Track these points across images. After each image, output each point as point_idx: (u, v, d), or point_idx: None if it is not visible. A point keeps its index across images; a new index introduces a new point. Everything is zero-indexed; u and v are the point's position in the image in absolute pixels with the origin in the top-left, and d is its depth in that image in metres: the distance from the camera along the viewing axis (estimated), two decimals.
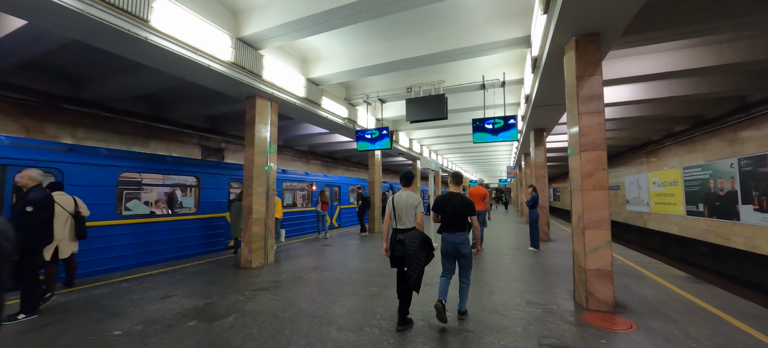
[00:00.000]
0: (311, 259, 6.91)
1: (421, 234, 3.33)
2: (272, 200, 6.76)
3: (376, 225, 11.68)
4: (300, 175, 11.60)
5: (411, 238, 3.27)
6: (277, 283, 5.09)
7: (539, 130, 9.78)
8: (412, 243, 3.24)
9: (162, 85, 7.59)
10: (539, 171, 9.68)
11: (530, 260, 6.66)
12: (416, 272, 3.20)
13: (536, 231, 7.89)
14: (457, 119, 11.44)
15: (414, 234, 3.30)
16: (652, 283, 5.02)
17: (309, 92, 7.45)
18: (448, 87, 8.02)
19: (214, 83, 5.84)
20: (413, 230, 3.36)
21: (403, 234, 3.35)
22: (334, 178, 13.85)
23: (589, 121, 3.97)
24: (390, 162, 24.01)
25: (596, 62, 4.01)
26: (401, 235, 3.35)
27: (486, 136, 7.54)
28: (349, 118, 9.34)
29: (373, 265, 6.32)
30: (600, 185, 3.89)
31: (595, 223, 3.88)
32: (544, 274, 5.57)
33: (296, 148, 16.60)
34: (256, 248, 6.30)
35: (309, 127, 12.36)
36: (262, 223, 6.43)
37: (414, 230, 3.36)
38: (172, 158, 7.30)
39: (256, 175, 6.40)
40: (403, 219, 3.43)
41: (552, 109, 7.60)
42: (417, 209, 3.43)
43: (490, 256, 7.00)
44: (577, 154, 4.05)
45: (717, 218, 10.08)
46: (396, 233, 3.42)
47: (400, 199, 3.48)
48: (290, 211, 10.86)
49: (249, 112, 6.56)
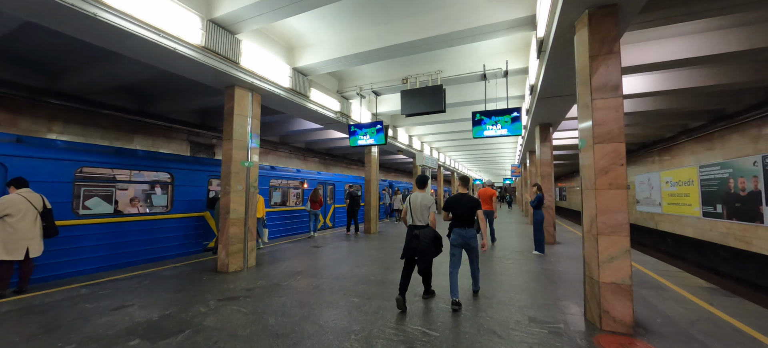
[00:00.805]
0: (296, 263, 6.38)
1: (433, 232, 3.89)
2: (253, 199, 6.24)
3: (372, 225, 11.13)
4: (291, 173, 11.08)
5: (425, 235, 3.82)
6: (250, 292, 4.57)
7: (545, 125, 9.14)
8: (425, 239, 3.79)
9: (143, 76, 7.11)
10: (545, 169, 9.05)
11: (534, 266, 6.06)
12: (424, 263, 3.89)
13: (541, 234, 7.28)
14: (458, 114, 10.85)
15: (427, 231, 3.85)
16: (674, 295, 4.41)
17: (295, 83, 6.91)
18: (446, 78, 7.43)
19: (185, 70, 5.32)
20: (427, 228, 3.90)
21: (418, 230, 3.86)
22: (328, 175, 13.33)
23: (604, 108, 3.37)
24: (390, 160, 23.46)
25: (613, 39, 3.41)
26: (417, 231, 3.87)
27: (487, 131, 6.95)
28: (341, 112, 8.79)
29: (361, 270, 5.78)
30: (617, 183, 3.29)
31: (611, 228, 3.29)
32: (550, 283, 4.98)
33: (292, 145, 16.10)
34: (233, 251, 5.78)
35: (304, 122, 11.84)
36: (241, 223, 5.92)
37: (428, 228, 3.90)
38: (143, 153, 6.80)
39: (235, 172, 5.88)
40: (417, 217, 3.95)
41: (559, 101, 6.97)
42: (430, 209, 3.96)
43: (491, 261, 6.41)
44: (589, 148, 3.45)
45: (737, 220, 9.36)
46: (412, 229, 3.94)
47: (415, 200, 3.99)
48: (280, 210, 10.36)
49: (227, 103, 6.04)
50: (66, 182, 5.36)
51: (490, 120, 6.88)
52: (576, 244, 8.66)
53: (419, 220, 3.93)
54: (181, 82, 8.02)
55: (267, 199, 9.69)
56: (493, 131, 6.86)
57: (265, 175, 9.68)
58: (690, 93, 8.31)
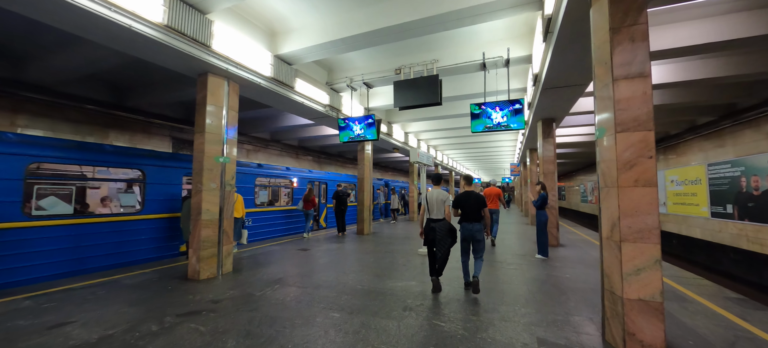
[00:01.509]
0: (278, 268, 5.81)
1: (448, 224, 4.33)
2: (230, 198, 5.66)
3: (365, 226, 10.56)
4: (280, 171, 10.49)
5: (441, 227, 4.28)
6: (217, 304, 3.99)
7: (548, 120, 8.60)
8: (441, 231, 4.26)
9: (110, 64, 6.53)
10: (548, 167, 8.51)
11: (539, 272, 5.52)
12: (441, 252, 4.29)
13: (545, 236, 6.73)
14: (455, 109, 10.30)
15: (443, 224, 4.31)
16: (701, 308, 3.87)
17: (278, 71, 6.33)
18: (442, 67, 6.87)
19: (149, 54, 4.74)
20: (443, 221, 4.34)
21: (435, 223, 4.33)
22: (320, 174, 12.76)
23: (629, 89, 2.82)
24: (387, 159, 22.89)
25: (639, 7, 2.85)
26: (434, 223, 4.33)
27: (487, 125, 6.40)
28: (330, 105, 8.21)
29: (348, 277, 5.21)
30: (646, 179, 2.74)
31: (638, 234, 2.73)
32: (558, 293, 4.43)
33: (284, 143, 15.49)
34: (206, 256, 5.20)
35: (295, 118, 11.25)
36: (214, 225, 5.34)
37: (444, 221, 4.34)
38: (111, 147, 6.21)
39: (208, 168, 5.30)
40: (434, 211, 4.42)
41: (565, 93, 6.43)
42: (446, 203, 4.42)
43: (492, 266, 5.86)
44: (610, 137, 2.90)
45: (750, 221, 8.86)
46: (430, 222, 4.40)
47: (432, 196, 4.47)
48: (269, 210, 9.77)
49: (199, 92, 5.46)
50: (15, 179, 4.76)
51: (490, 112, 6.33)
52: (581, 246, 8.12)
53: (436, 214, 4.41)
54: (160, 73, 7.43)
55: (253, 199, 9.11)
56: (493, 123, 6.31)
57: (250, 173, 9.10)
58: (701, 85, 7.80)
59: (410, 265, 6.03)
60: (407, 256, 6.93)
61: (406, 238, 9.48)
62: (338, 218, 10.50)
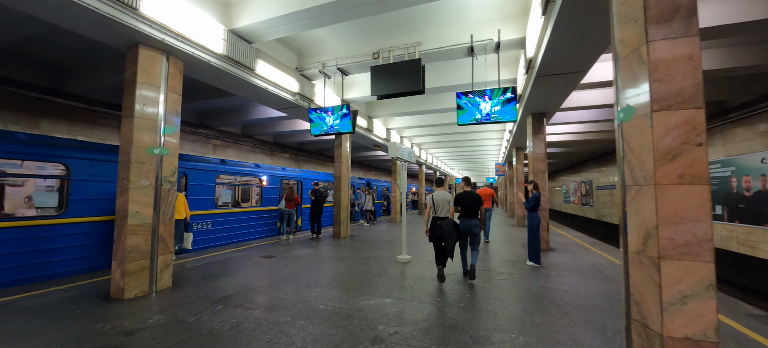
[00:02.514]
0: (230, 281, 4.87)
1: (452, 221, 4.82)
2: (169, 198, 4.67)
3: (342, 228, 9.68)
4: (247, 167, 9.46)
5: (446, 224, 4.74)
6: (129, 339, 3.04)
7: (539, 114, 8.00)
8: (447, 227, 4.73)
9: (36, 35, 5.40)
10: (538, 165, 7.90)
11: (533, 284, 4.82)
12: (450, 245, 4.71)
13: (537, 240, 6.08)
14: (440, 102, 9.58)
15: (448, 221, 4.78)
16: (728, 331, 3.23)
17: (234, 49, 5.38)
18: (426, 52, 6.10)
19: (61, 14, 3.72)
20: (448, 218, 4.83)
21: (441, 221, 4.80)
22: (295, 172, 11.78)
23: (670, 51, 2.10)
24: (370, 157, 22.04)
25: None
26: (440, 221, 4.81)
27: (474, 115, 5.68)
28: (300, 93, 7.30)
29: (312, 293, 4.34)
30: (694, 174, 2.03)
31: (685, 249, 2.02)
32: (560, 313, 3.72)
33: (257, 138, 14.35)
34: (133, 270, 4.21)
35: (268, 110, 10.23)
36: (145, 231, 4.34)
37: (448, 218, 4.84)
38: (26, 136, 5.09)
39: (138, 161, 4.30)
40: (440, 210, 4.91)
41: (560, 82, 5.79)
42: (449, 204, 4.95)
43: (480, 278, 5.13)
44: (643, 119, 2.18)
45: (741, 223, 8.57)
46: (436, 220, 4.87)
47: (438, 197, 4.96)
48: (233, 211, 8.73)
49: (128, 68, 4.45)
50: None
51: (479, 102, 5.61)
52: (572, 250, 7.55)
53: (442, 213, 4.89)
54: (103, 52, 6.28)
55: (212, 199, 8.06)
56: (482, 114, 5.60)
57: (210, 169, 8.05)
58: None
59: (387, 276, 5.22)
60: (385, 264, 6.12)
61: (386, 243, 8.67)
62: (313, 220, 9.62)
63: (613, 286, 4.75)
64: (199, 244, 7.53)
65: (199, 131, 11.41)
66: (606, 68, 6.76)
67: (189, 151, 11.20)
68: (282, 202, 9.12)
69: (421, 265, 6.03)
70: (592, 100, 8.60)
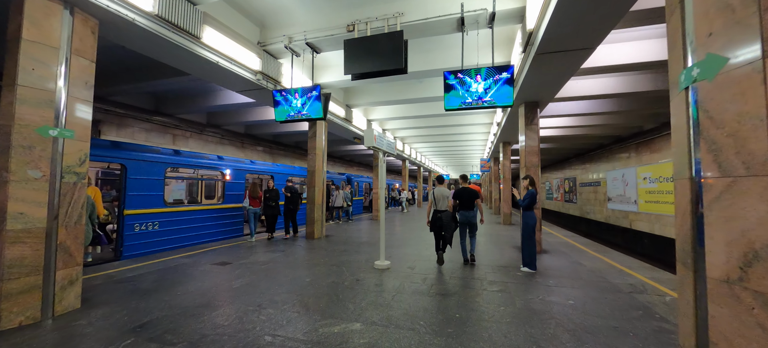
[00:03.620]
0: (159, 300, 3.85)
1: (451, 213, 5.50)
2: (76, 194, 3.60)
3: (316, 228, 8.73)
4: (206, 159, 8.33)
5: (446, 216, 5.41)
6: None
7: (532, 104, 7.29)
8: (447, 218, 5.39)
9: None
10: (531, 159, 7.21)
11: (533, 297, 4.07)
12: (449, 234, 5.39)
13: (533, 243, 5.36)
14: (424, 90, 8.76)
15: (448, 213, 5.44)
16: None
17: (169, 8, 4.31)
18: (408, 24, 5.23)
19: None
20: (447, 211, 5.47)
21: (442, 213, 5.44)
22: (264, 165, 10.69)
23: None
24: (351, 152, 21.04)
25: None
26: (440, 213, 5.45)
27: (464, 99, 4.87)
28: (263, 72, 6.27)
29: (260, 315, 3.40)
30: None
31: None
32: (575, 340, 2.95)
33: (226, 128, 13.10)
34: (16, 291, 3.14)
35: (234, 96, 9.09)
36: (36, 238, 3.27)
37: (447, 211, 5.47)
38: None
39: (23, 146, 3.21)
40: (440, 204, 5.53)
41: (562, 62, 5.06)
42: (448, 199, 5.57)
43: (469, 289, 4.34)
44: (747, 74, 1.38)
45: None
46: (436, 212, 5.50)
47: (439, 192, 5.58)
48: (186, 210, 7.61)
49: (12, 21, 3.33)
50: None
51: (470, 82, 4.79)
52: (566, 252, 6.92)
53: (442, 206, 5.50)
54: None
55: (161, 194, 6.92)
56: (474, 97, 4.79)
57: (159, 161, 6.90)
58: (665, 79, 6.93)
59: (360, 289, 4.34)
60: (359, 271, 5.24)
61: (365, 244, 7.79)
62: (287, 218, 8.69)
63: (624, 298, 4.07)
64: (140, 248, 6.40)
65: (155, 119, 10.11)
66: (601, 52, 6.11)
67: (143, 142, 9.90)
68: (245, 200, 8.09)
69: (401, 273, 5.19)
70: (580, 90, 7.99)
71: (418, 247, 7.47)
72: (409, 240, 8.47)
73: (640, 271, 5.42)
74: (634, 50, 5.89)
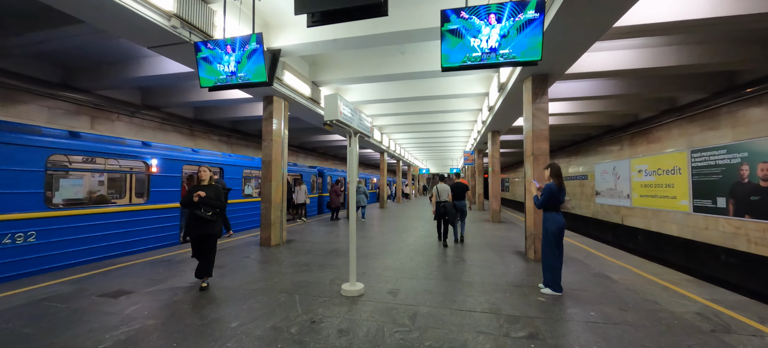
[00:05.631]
0: None
1: (452, 203, 6.76)
2: None
3: (273, 232, 6.97)
4: (121, 146, 6.30)
5: (449, 205, 6.69)
6: None
7: (541, 77, 5.89)
8: (449, 207, 6.68)
9: None
10: (539, 144, 5.81)
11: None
12: (452, 219, 6.77)
13: (556, 257, 3.95)
14: (407, 64, 7.18)
15: (449, 203, 6.70)
16: None
17: None
18: None
19: None
20: (448, 201, 6.71)
21: (444, 204, 6.68)
22: (212, 155, 8.74)
23: None
24: (325, 143, 19.08)
25: None
26: (443, 204, 6.68)
27: (471, 51, 3.32)
28: (180, 16, 4.39)
29: None
30: None
31: None
32: None
33: (167, 111, 10.75)
34: None
35: (173, 64, 7.03)
36: None
37: (448, 201, 6.71)
38: None
39: None
40: (442, 196, 6.73)
41: (593, 20, 3.61)
42: (448, 193, 6.78)
43: (480, 337, 2.83)
44: None
45: (753, 218, 7.32)
46: (439, 203, 6.72)
47: (441, 187, 6.80)
48: (85, 213, 5.58)
49: None
50: None
51: (479, 26, 3.25)
52: (579, 257, 5.61)
53: (444, 198, 6.71)
54: None
55: (40, 193, 4.90)
56: (485, 49, 3.25)
57: (34, 145, 4.86)
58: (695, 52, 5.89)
59: (313, 341, 2.71)
60: (320, 302, 3.60)
61: (333, 254, 6.14)
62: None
63: (711, 343, 2.71)
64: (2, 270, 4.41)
65: (63, 94, 7.79)
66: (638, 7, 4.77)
67: (45, 123, 7.62)
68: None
69: (379, 302, 3.62)
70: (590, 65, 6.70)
71: (400, 255, 5.93)
72: (389, 245, 6.92)
73: (688, 287, 4.17)
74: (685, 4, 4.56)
